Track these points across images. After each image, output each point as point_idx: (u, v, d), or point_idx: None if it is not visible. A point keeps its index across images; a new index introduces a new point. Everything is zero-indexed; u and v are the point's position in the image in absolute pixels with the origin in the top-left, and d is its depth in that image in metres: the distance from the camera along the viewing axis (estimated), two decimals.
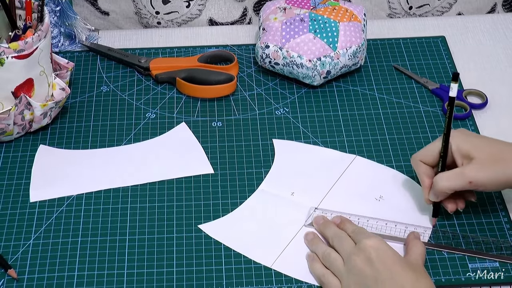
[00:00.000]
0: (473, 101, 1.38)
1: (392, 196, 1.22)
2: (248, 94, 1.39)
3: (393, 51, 1.47)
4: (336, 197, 1.22)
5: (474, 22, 1.55)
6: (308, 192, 1.22)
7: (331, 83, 1.41)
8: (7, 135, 1.28)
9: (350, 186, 1.24)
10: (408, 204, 1.21)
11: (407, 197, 1.22)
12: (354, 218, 1.17)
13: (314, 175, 1.25)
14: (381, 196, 1.22)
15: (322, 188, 1.23)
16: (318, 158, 1.28)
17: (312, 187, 1.23)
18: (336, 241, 1.12)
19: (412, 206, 1.21)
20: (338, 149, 1.29)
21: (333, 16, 1.38)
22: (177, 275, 1.11)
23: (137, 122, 1.34)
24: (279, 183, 1.24)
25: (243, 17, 1.57)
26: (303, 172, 1.26)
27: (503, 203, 1.21)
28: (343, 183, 1.24)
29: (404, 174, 1.25)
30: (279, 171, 1.26)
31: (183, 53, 1.47)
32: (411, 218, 1.19)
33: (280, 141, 1.30)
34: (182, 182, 1.24)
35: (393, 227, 1.17)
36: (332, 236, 1.14)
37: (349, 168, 1.26)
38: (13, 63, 1.21)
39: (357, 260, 1.07)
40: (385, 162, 1.27)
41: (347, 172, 1.26)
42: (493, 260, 1.13)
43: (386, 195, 1.22)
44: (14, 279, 1.11)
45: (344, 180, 1.24)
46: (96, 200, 1.21)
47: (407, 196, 1.22)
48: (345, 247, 1.10)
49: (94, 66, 1.44)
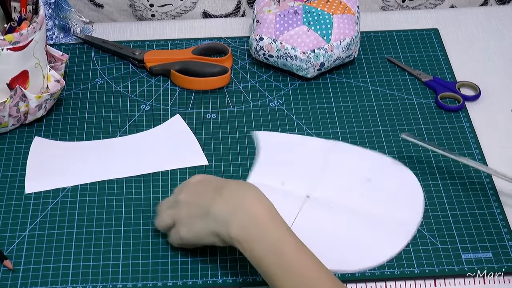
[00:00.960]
0: (466, 93, 1.39)
1: (380, 177, 1.24)
2: (242, 86, 1.40)
3: (387, 44, 1.48)
4: (327, 183, 1.23)
5: (467, 14, 1.56)
6: (299, 180, 1.23)
7: (325, 75, 1.41)
8: (2, 127, 1.28)
9: (338, 171, 1.25)
10: (396, 185, 1.23)
11: (394, 177, 1.24)
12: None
13: (301, 163, 1.26)
14: (369, 178, 1.23)
15: (312, 176, 1.24)
16: (302, 147, 1.29)
17: (302, 175, 1.24)
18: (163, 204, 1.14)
19: (400, 187, 1.22)
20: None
21: (326, 9, 1.38)
22: (172, 265, 1.12)
23: (132, 114, 1.34)
24: (267, 174, 1.24)
25: (237, 9, 1.57)
26: (290, 161, 1.26)
27: (496, 194, 1.22)
28: (331, 169, 1.25)
29: (387, 156, 1.27)
30: (265, 163, 1.26)
31: (177, 46, 1.48)
32: (401, 199, 1.21)
33: (262, 132, 1.31)
34: (177, 173, 1.24)
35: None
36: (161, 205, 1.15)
37: (334, 154, 1.28)
38: (8, 55, 1.21)
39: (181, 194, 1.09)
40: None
41: (333, 158, 1.27)
42: (486, 250, 1.13)
43: (374, 177, 1.24)
44: (10, 270, 1.11)
45: (331, 166, 1.26)
46: (91, 191, 1.22)
47: (394, 176, 1.24)
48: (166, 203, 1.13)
49: (89, 59, 1.44)
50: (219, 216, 1.04)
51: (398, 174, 1.25)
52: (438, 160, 1.26)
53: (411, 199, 1.21)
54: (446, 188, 1.22)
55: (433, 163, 1.26)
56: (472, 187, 1.22)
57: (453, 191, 1.22)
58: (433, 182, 1.23)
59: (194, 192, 1.09)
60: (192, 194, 1.09)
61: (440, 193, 1.21)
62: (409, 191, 1.22)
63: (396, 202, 1.20)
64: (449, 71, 1.42)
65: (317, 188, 1.22)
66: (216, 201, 1.05)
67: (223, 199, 1.05)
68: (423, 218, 1.18)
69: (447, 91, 1.37)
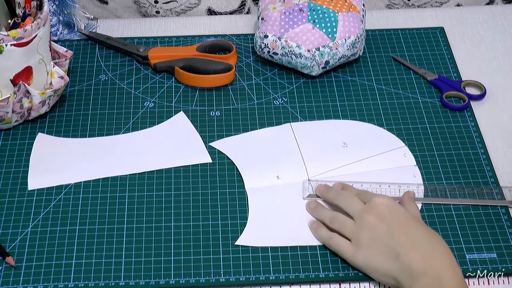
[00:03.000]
0: (472, 92, 1.38)
1: (353, 140, 1.28)
2: (247, 84, 1.39)
3: (392, 42, 1.47)
4: (314, 163, 1.24)
5: (473, 13, 1.55)
6: (290, 169, 1.24)
7: (330, 73, 1.41)
8: (5, 123, 1.28)
9: (313, 149, 1.27)
10: (374, 143, 1.28)
11: (368, 138, 1.29)
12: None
13: (280, 154, 1.26)
14: (345, 143, 1.27)
15: (295, 161, 1.25)
16: (264, 140, 1.29)
17: (289, 163, 1.25)
18: (344, 202, 1.14)
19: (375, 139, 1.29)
20: None
21: (332, 6, 1.38)
22: (175, 263, 1.11)
23: (136, 111, 1.34)
24: (258, 176, 1.24)
25: (242, 6, 1.57)
26: (269, 156, 1.26)
27: (490, 165, 1.21)
28: (306, 149, 1.27)
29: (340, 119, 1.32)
30: (247, 166, 1.25)
31: (181, 43, 1.47)
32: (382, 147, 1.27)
33: (219, 141, 1.29)
34: (180, 171, 1.24)
35: (387, 187, 1.20)
36: (339, 198, 1.15)
37: (297, 134, 1.29)
38: (12, 51, 1.21)
39: (369, 217, 1.09)
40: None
41: (299, 139, 1.28)
42: (491, 251, 1.13)
43: (348, 141, 1.27)
44: (12, 266, 1.11)
45: (304, 147, 1.27)
46: (94, 188, 1.21)
47: (368, 137, 1.30)
48: (354, 207, 1.12)
49: (93, 55, 1.44)
50: (408, 267, 1.04)
51: (366, 130, 1.30)
52: (443, 159, 1.26)
53: (391, 143, 1.27)
54: (451, 188, 1.21)
55: (437, 162, 1.25)
56: (477, 187, 1.21)
57: (457, 190, 1.21)
58: (437, 182, 1.22)
59: (380, 217, 1.09)
60: (380, 220, 1.08)
61: (445, 193, 1.21)
62: (386, 138, 1.29)
63: (383, 152, 1.25)
64: (454, 70, 1.41)
65: (311, 170, 1.23)
66: (406, 247, 1.05)
67: (414, 249, 1.05)
68: (427, 218, 1.17)
69: (452, 90, 1.36)
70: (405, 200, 1.15)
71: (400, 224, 1.07)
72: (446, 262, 1.04)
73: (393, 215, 1.08)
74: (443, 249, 1.05)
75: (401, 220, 1.08)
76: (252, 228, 1.16)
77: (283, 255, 1.13)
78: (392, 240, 1.06)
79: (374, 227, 1.08)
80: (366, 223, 1.09)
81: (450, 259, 1.04)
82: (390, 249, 1.06)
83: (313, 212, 1.17)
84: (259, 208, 1.19)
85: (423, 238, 1.06)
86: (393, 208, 1.09)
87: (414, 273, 1.03)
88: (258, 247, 1.14)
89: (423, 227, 1.08)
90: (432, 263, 1.03)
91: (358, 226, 1.10)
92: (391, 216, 1.08)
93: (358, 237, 1.09)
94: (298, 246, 1.14)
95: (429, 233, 1.07)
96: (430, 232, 1.08)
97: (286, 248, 1.14)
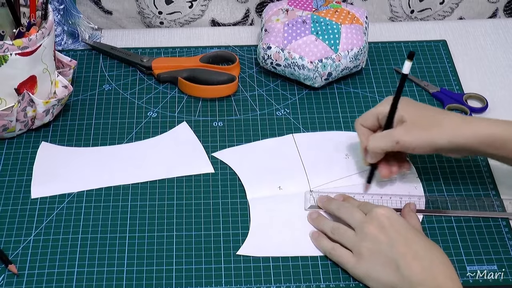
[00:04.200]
0: (474, 105, 1.38)
1: (355, 151, 1.28)
2: (249, 95, 1.40)
3: (394, 54, 1.48)
4: (316, 174, 1.25)
5: (475, 26, 1.56)
6: (292, 179, 1.24)
7: (332, 85, 1.41)
8: (9, 131, 1.28)
9: (316, 160, 1.27)
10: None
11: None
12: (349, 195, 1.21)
13: (282, 164, 1.27)
14: (347, 154, 1.27)
15: (297, 172, 1.25)
16: (266, 151, 1.29)
17: (290, 174, 1.25)
18: (345, 213, 1.14)
19: None
20: None
21: (335, 18, 1.38)
22: (176, 273, 1.12)
23: (139, 121, 1.34)
24: (259, 186, 1.24)
25: (245, 18, 1.57)
26: (270, 167, 1.27)
27: (491, 177, 1.21)
28: (308, 160, 1.27)
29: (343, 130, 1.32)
30: (249, 177, 1.25)
31: (185, 53, 1.48)
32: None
33: (221, 152, 1.29)
34: (183, 181, 1.24)
35: (388, 199, 1.20)
36: (340, 210, 1.16)
37: (299, 145, 1.29)
38: (17, 60, 1.21)
39: (370, 227, 1.09)
40: None
41: (301, 150, 1.29)
42: (491, 263, 1.13)
43: (350, 153, 1.28)
44: (15, 274, 1.11)
45: (306, 158, 1.27)
46: (96, 197, 1.22)
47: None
48: (355, 218, 1.12)
49: (97, 65, 1.45)
50: (408, 278, 1.04)
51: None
52: (444, 171, 1.26)
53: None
54: (452, 199, 1.22)
55: (439, 174, 1.26)
56: (478, 198, 1.22)
57: (459, 202, 1.21)
58: (439, 194, 1.23)
59: (381, 227, 1.09)
60: (380, 231, 1.09)
61: (446, 204, 1.21)
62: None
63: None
64: (456, 83, 1.42)
65: (313, 181, 1.24)
66: (407, 258, 1.05)
67: (415, 260, 1.05)
68: (428, 230, 1.17)
69: (454, 102, 1.37)
70: (406, 212, 1.15)
71: (401, 235, 1.07)
72: (446, 273, 1.04)
73: (393, 226, 1.08)
74: (443, 260, 1.05)
75: (401, 231, 1.08)
76: (253, 238, 1.16)
77: (284, 265, 1.13)
78: (392, 251, 1.06)
79: (375, 238, 1.08)
80: (367, 233, 1.09)
81: (450, 270, 1.04)
82: (391, 260, 1.06)
83: (314, 222, 1.17)
84: (261, 218, 1.19)
85: (424, 250, 1.06)
86: (393, 219, 1.09)
87: (414, 285, 1.03)
88: (260, 257, 1.14)
89: (423, 238, 1.09)
90: (432, 274, 1.03)
91: (359, 237, 1.10)
92: (392, 227, 1.08)
93: (359, 247, 1.09)
94: (299, 256, 1.14)
95: (430, 245, 1.08)
96: (430, 243, 1.08)
97: (287, 258, 1.14)
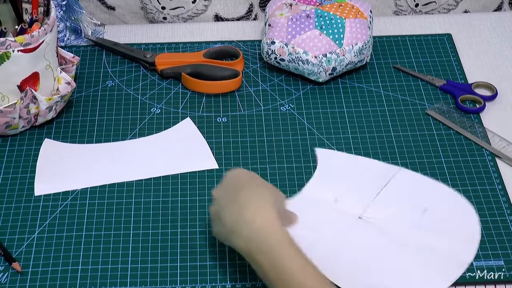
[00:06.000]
0: (483, 93, 1.38)
1: (436, 208, 1.19)
2: (253, 90, 1.39)
3: (399, 48, 1.47)
4: (381, 207, 1.19)
5: (480, 19, 1.55)
6: (353, 199, 1.19)
7: (337, 79, 1.41)
8: (12, 128, 1.28)
9: (395, 197, 1.20)
10: (452, 219, 1.18)
11: (451, 210, 1.19)
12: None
13: (358, 183, 1.22)
14: (426, 208, 1.18)
15: (366, 197, 1.20)
16: (361, 168, 1.26)
17: (357, 195, 1.20)
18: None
19: (456, 219, 1.18)
20: (343, 147, 1.29)
21: (339, 13, 1.38)
22: (181, 270, 1.11)
23: (142, 117, 1.34)
24: (322, 189, 1.21)
25: (249, 13, 1.57)
26: (347, 180, 1.23)
27: (508, 201, 1.21)
28: (387, 193, 1.21)
29: (450, 187, 1.22)
30: (321, 178, 1.23)
31: (188, 49, 1.47)
32: (456, 231, 1.16)
33: (323, 150, 1.28)
34: (187, 177, 1.24)
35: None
36: None
37: (394, 179, 1.23)
38: (19, 57, 1.21)
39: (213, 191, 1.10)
40: (390, 160, 1.27)
41: (392, 183, 1.22)
42: (498, 258, 1.13)
43: (431, 208, 1.19)
44: (18, 272, 1.11)
45: (388, 190, 1.21)
46: (100, 194, 1.22)
47: (451, 209, 1.19)
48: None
49: (100, 61, 1.44)
50: (226, 224, 1.04)
51: (456, 206, 1.20)
52: (450, 166, 1.25)
53: (466, 232, 1.16)
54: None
55: (444, 169, 1.25)
56: (484, 193, 1.21)
57: (465, 197, 1.21)
58: None
59: (223, 188, 1.09)
60: (221, 191, 1.09)
61: None
62: (465, 224, 1.17)
63: (450, 234, 1.15)
64: (462, 77, 1.41)
65: (370, 211, 1.18)
66: (228, 207, 1.04)
67: (234, 205, 1.04)
68: None
69: (464, 93, 1.36)
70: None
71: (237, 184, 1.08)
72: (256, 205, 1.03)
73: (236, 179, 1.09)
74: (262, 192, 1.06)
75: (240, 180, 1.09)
76: None
77: None
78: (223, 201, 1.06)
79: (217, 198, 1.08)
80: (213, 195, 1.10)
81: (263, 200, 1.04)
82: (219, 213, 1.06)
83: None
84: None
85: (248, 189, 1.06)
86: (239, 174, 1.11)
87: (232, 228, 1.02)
88: None
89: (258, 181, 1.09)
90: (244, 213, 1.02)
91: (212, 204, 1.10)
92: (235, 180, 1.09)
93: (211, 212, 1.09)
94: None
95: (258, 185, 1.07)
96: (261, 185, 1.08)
97: None
